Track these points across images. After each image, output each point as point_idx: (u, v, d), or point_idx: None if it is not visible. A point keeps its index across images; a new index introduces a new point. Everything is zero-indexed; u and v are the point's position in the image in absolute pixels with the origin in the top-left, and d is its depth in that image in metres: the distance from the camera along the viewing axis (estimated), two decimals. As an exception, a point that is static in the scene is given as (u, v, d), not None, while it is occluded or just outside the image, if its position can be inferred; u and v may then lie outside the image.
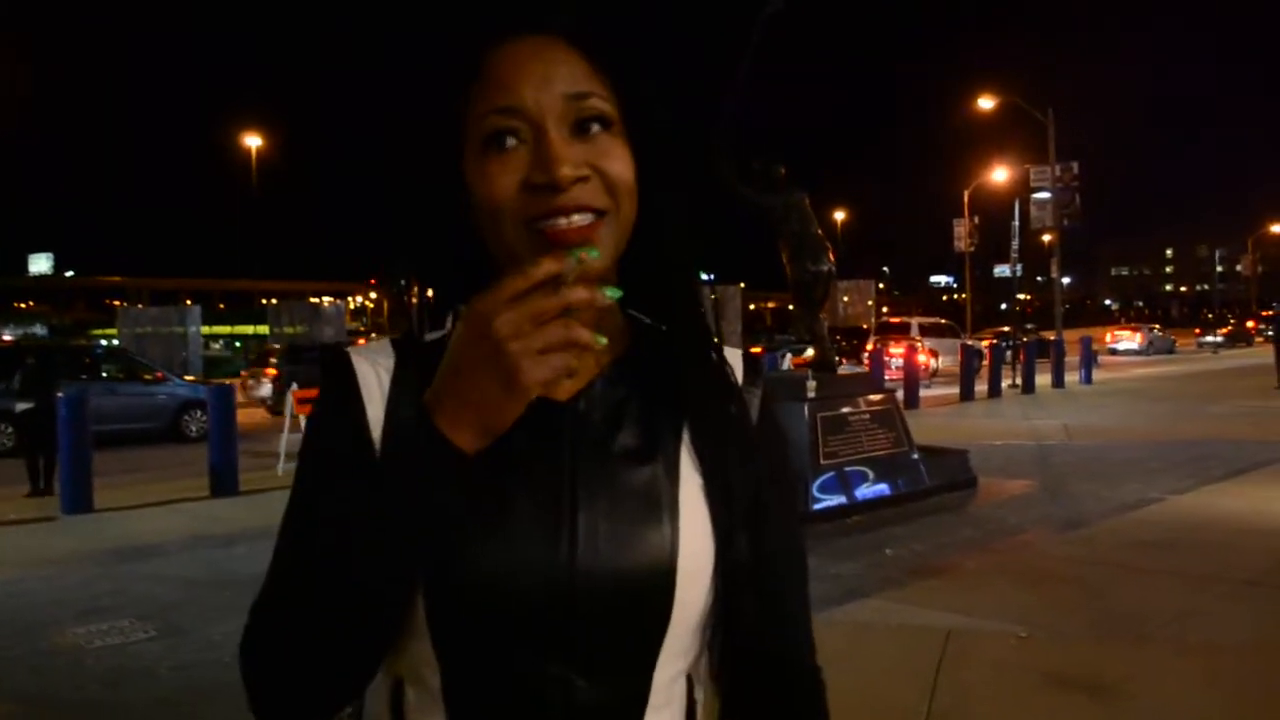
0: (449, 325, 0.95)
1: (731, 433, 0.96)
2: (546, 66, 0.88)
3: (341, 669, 0.85)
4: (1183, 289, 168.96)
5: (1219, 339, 51.29)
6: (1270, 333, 24.75)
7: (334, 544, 0.83)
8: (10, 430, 13.38)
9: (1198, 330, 52.32)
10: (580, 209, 0.85)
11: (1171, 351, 45.77)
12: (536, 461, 0.91)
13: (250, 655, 0.86)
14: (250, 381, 21.84)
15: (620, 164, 0.89)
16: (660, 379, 0.96)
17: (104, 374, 17.91)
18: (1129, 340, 46.25)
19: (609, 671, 0.90)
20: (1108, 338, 47.29)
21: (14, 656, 5.33)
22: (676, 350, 0.96)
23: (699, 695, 0.97)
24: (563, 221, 0.86)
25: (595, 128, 0.89)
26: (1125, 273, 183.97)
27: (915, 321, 33.94)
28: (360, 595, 0.82)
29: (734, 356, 1.02)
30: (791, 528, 1.03)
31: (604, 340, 0.83)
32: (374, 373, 0.94)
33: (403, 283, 0.98)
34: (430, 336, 0.95)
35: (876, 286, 57.36)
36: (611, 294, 0.83)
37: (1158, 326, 52.59)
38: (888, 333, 31.92)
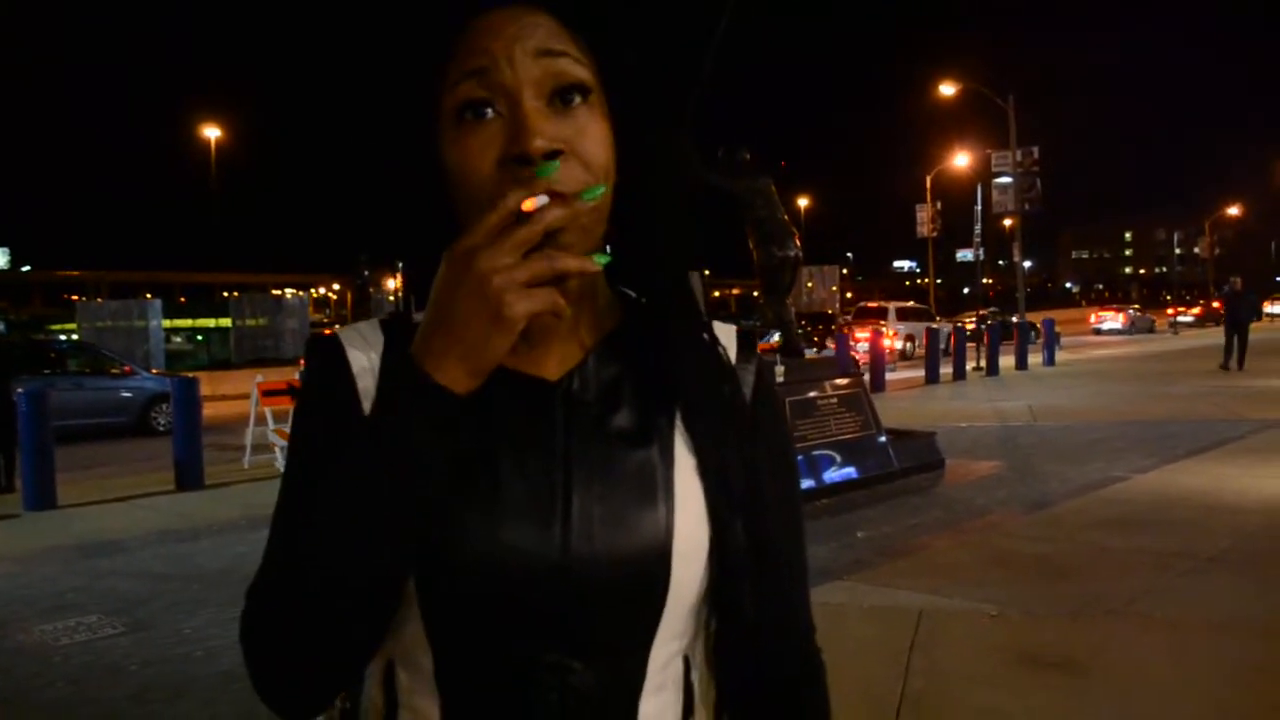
0: None
1: (725, 412, 0.94)
2: (520, 28, 0.85)
3: (337, 653, 0.84)
4: (1141, 271, 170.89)
5: (1190, 319, 52.42)
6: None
7: (327, 522, 0.81)
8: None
9: (1171, 311, 53.86)
10: (551, 194, 0.81)
11: (1152, 330, 47.42)
12: (529, 442, 0.89)
13: (249, 640, 0.85)
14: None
15: (597, 144, 0.86)
16: (652, 356, 0.93)
17: (70, 368, 17.65)
18: (1113, 320, 48.22)
19: (604, 654, 0.88)
20: (1092, 318, 49.61)
21: (-22, 655, 5.25)
22: (667, 328, 0.93)
23: (695, 678, 0.96)
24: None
25: (575, 99, 0.85)
26: (1085, 256, 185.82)
27: (892, 306, 34.25)
28: (354, 577, 0.80)
29: (726, 334, 1.00)
30: (790, 508, 1.01)
31: (603, 260, 0.82)
32: (364, 353, 0.93)
33: (366, 274, 0.96)
34: (418, 317, 0.92)
35: (840, 271, 57.72)
36: (600, 260, 0.82)
37: (1137, 307, 54.22)
38: (865, 317, 32.26)
